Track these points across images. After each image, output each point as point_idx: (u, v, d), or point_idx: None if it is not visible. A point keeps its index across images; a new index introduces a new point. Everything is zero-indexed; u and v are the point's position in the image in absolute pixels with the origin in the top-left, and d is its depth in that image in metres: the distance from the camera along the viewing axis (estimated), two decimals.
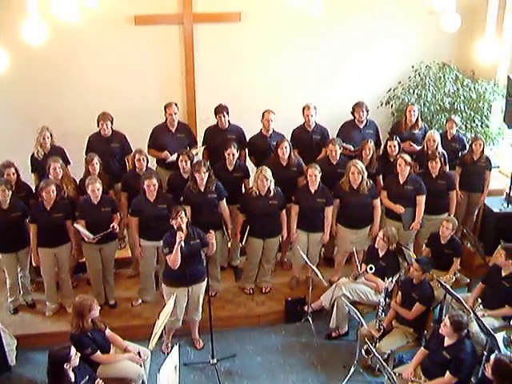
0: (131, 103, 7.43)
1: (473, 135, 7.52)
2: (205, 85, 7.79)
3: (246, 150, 7.02)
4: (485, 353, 5.04)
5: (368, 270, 5.83)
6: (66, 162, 6.62)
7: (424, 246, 6.49)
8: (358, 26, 7.85)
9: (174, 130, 6.84)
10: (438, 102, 7.81)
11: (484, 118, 7.84)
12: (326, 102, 7.49)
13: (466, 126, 7.78)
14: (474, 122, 7.80)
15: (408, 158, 6.35)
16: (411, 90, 7.93)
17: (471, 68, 7.95)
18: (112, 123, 6.70)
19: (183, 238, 5.25)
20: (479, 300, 5.61)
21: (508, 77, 7.24)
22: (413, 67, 8.05)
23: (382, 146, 6.98)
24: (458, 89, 7.83)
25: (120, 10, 7.28)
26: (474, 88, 7.82)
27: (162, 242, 5.51)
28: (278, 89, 7.88)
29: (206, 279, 5.64)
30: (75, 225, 5.89)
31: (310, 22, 7.29)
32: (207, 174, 5.99)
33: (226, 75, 7.81)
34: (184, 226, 5.33)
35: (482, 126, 7.83)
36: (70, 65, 7.43)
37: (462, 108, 7.78)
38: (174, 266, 5.34)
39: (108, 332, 5.09)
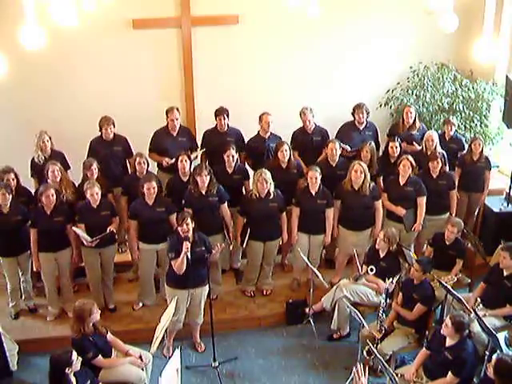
0: (130, 107, 7.42)
1: (472, 135, 7.52)
2: (203, 87, 7.80)
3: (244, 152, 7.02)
4: (487, 353, 5.04)
5: (369, 271, 5.84)
6: (66, 166, 6.62)
7: (426, 245, 6.51)
8: (356, 28, 7.85)
9: (175, 134, 6.85)
10: (436, 102, 7.81)
11: (483, 117, 7.84)
12: (325, 104, 7.50)
13: (465, 126, 7.79)
14: (473, 121, 7.80)
15: (413, 161, 6.35)
16: (410, 91, 7.94)
17: (469, 68, 7.95)
18: (114, 127, 6.71)
19: (189, 249, 5.28)
20: (479, 300, 5.62)
21: (506, 76, 7.26)
22: (411, 68, 8.05)
23: (383, 147, 6.98)
24: (456, 89, 7.83)
25: (118, 14, 7.28)
26: (473, 88, 7.83)
27: (162, 245, 5.60)
28: (276, 91, 7.87)
29: (208, 283, 5.66)
30: (74, 228, 5.89)
31: (308, 23, 7.30)
32: (208, 177, 5.99)
33: (225, 78, 7.81)
34: (190, 234, 5.37)
35: (481, 126, 7.83)
36: (68, 69, 7.43)
37: (461, 108, 7.78)
38: (180, 272, 5.38)
39: (109, 336, 5.09)
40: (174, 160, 6.61)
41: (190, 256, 5.34)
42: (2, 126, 7.50)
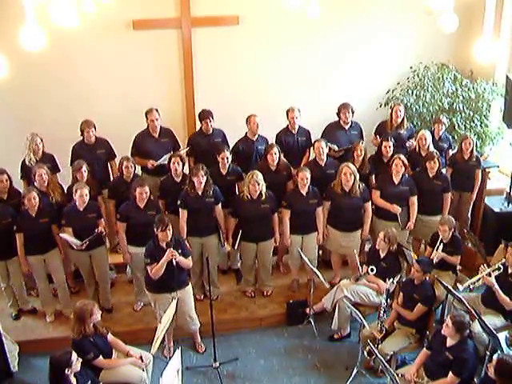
0: (130, 107, 7.42)
1: (472, 135, 7.50)
2: (204, 88, 7.79)
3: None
4: (487, 353, 5.05)
5: (369, 271, 5.84)
6: (56, 169, 6.61)
7: (425, 245, 6.49)
8: (356, 28, 7.85)
9: (156, 136, 6.84)
10: (436, 102, 7.80)
11: (483, 117, 7.83)
12: (326, 104, 7.48)
13: (465, 126, 7.79)
14: (474, 121, 7.79)
15: (405, 159, 6.35)
16: (410, 91, 7.93)
17: (470, 68, 7.95)
18: (95, 130, 6.65)
19: (175, 256, 5.25)
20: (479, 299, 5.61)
21: (506, 76, 7.25)
22: (411, 68, 8.05)
23: (376, 147, 6.97)
24: (456, 89, 7.83)
25: (118, 15, 7.27)
26: (473, 88, 7.82)
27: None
28: (276, 91, 7.87)
29: (189, 284, 5.64)
30: (61, 234, 5.87)
31: (308, 24, 7.30)
32: (205, 177, 5.99)
33: (225, 78, 7.81)
34: (169, 239, 5.34)
35: (481, 126, 7.83)
36: (68, 70, 7.43)
37: (461, 108, 7.77)
38: (155, 277, 5.35)
39: (110, 337, 5.09)
40: (158, 162, 6.61)
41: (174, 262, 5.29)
42: (2, 126, 7.50)
